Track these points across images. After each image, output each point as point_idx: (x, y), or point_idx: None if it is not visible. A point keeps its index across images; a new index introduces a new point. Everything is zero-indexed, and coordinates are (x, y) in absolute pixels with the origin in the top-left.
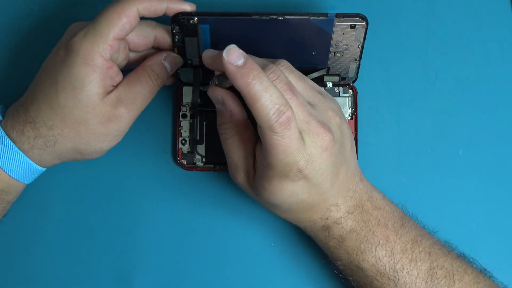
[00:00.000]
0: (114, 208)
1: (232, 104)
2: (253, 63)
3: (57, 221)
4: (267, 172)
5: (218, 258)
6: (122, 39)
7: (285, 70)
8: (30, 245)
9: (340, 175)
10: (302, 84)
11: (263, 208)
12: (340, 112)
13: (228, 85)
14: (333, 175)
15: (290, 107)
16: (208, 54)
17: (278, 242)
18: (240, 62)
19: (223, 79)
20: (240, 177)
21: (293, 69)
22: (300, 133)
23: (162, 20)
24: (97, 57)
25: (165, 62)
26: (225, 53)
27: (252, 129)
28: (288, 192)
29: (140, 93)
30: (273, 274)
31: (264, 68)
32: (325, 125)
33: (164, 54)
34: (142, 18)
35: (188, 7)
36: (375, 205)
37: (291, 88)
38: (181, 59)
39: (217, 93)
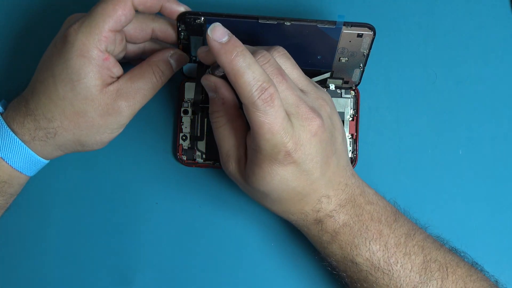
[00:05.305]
0: (113, 204)
1: (224, 92)
2: (237, 40)
3: (57, 220)
4: (257, 156)
5: (217, 256)
6: (118, 31)
7: (281, 56)
8: (30, 243)
9: (331, 166)
10: (296, 71)
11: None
12: (332, 104)
13: (221, 74)
14: (323, 163)
15: (273, 85)
16: (202, 49)
17: (277, 239)
18: (224, 39)
19: (216, 68)
20: (231, 166)
21: (289, 56)
22: (289, 116)
23: None
24: (92, 48)
25: (171, 60)
26: (209, 30)
27: (244, 118)
28: (278, 178)
29: (142, 88)
30: (273, 272)
31: (254, 52)
32: (315, 111)
33: (170, 52)
34: None
35: (183, 9)
36: (367, 199)
37: (281, 73)
38: (187, 57)
39: (210, 80)
